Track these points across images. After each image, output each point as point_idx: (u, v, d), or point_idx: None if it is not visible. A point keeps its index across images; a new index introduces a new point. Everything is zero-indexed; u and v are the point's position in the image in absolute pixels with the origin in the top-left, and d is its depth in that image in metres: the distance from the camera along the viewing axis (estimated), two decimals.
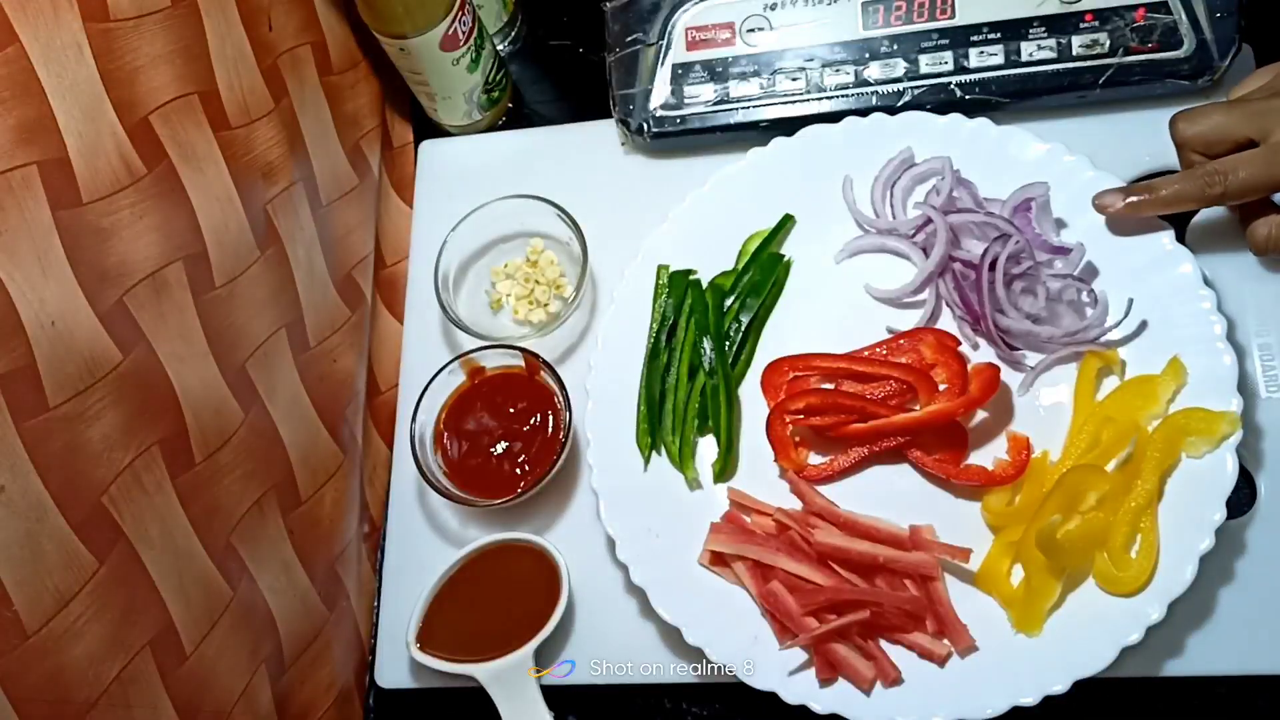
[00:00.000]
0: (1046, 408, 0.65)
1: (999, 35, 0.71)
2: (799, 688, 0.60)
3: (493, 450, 0.70)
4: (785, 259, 0.72)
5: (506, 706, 0.65)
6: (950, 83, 0.72)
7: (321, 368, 0.69)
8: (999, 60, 0.71)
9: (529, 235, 0.78)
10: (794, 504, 0.66)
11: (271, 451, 0.62)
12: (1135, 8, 0.69)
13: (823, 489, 0.66)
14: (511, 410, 0.71)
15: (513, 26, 0.85)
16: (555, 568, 0.67)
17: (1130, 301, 0.64)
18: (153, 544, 0.51)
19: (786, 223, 0.72)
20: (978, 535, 0.63)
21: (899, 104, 0.72)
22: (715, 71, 0.75)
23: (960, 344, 0.66)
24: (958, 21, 0.72)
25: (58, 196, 0.46)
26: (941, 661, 0.60)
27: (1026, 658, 0.59)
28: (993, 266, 0.66)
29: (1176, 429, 0.60)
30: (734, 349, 0.70)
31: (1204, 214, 0.68)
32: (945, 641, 0.60)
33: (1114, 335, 0.64)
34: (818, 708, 0.59)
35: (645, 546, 0.65)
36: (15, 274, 0.44)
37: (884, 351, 0.68)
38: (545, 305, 0.76)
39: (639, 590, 0.64)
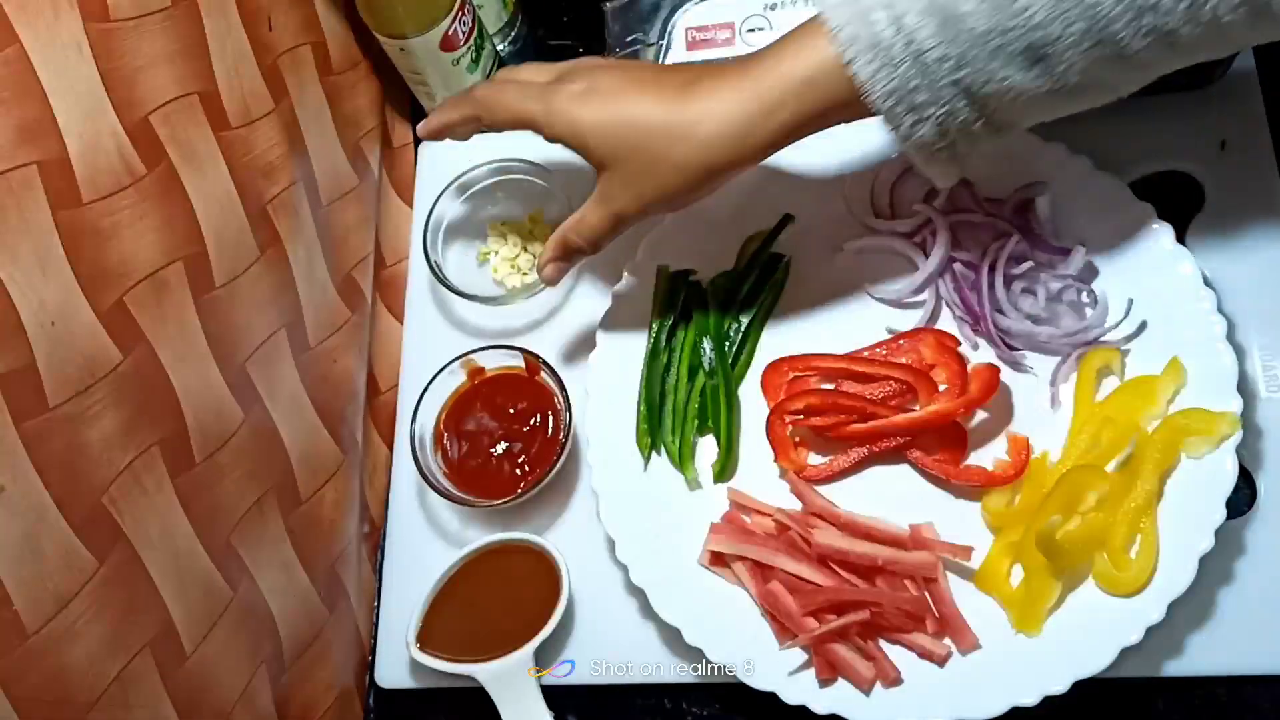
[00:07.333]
0: (1046, 408, 0.65)
1: None
2: (799, 688, 0.60)
3: (493, 451, 0.70)
4: (785, 259, 0.72)
5: (506, 706, 0.65)
6: None
7: (321, 368, 0.69)
8: None
9: (535, 200, 0.78)
10: (794, 504, 0.66)
11: (271, 451, 0.62)
12: None
13: (823, 489, 0.66)
14: (511, 410, 0.71)
15: (513, 26, 0.85)
16: (555, 568, 0.67)
17: (1130, 302, 0.64)
18: (153, 544, 0.51)
19: (786, 223, 0.72)
20: (978, 535, 0.63)
21: None
22: None
23: (960, 344, 0.66)
24: None
25: (58, 196, 0.46)
26: (941, 662, 0.60)
27: (1026, 658, 0.59)
28: (993, 267, 0.66)
29: (1176, 429, 0.60)
30: (734, 349, 0.70)
31: (1204, 214, 0.68)
32: (945, 641, 0.60)
33: (1114, 336, 0.64)
34: (817, 708, 0.59)
35: (645, 546, 0.65)
36: (15, 274, 0.44)
37: (884, 352, 0.68)
38: (525, 274, 0.76)
39: (639, 590, 0.64)
